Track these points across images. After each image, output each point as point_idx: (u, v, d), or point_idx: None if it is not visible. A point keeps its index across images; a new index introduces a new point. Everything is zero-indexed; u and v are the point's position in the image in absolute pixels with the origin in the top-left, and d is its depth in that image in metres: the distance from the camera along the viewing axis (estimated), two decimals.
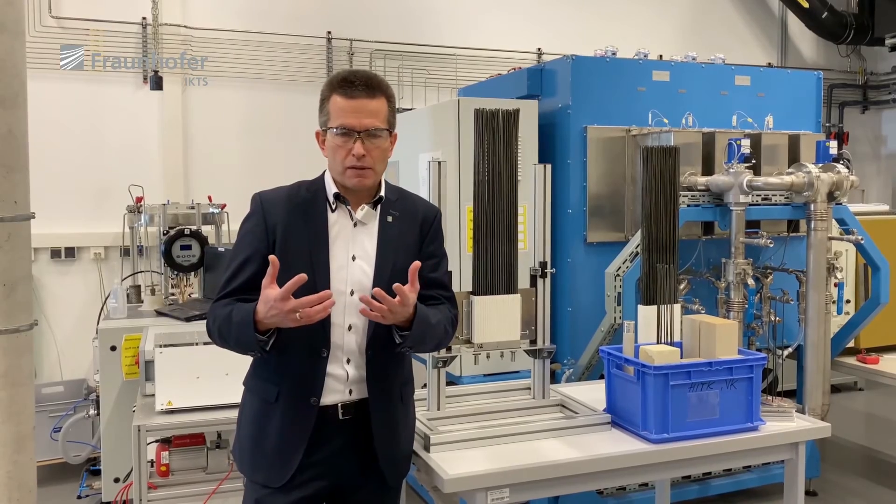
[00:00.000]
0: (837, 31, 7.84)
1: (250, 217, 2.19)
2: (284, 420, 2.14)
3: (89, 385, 4.95)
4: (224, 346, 2.15)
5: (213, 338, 2.17)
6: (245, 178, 5.71)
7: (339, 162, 2.12)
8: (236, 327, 2.03)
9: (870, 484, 4.86)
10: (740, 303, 3.97)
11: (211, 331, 2.16)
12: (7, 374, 2.42)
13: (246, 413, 2.25)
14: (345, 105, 2.09)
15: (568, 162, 4.16)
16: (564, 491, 2.71)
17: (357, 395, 2.17)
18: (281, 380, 2.15)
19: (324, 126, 2.16)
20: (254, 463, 2.19)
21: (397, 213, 2.23)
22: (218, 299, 2.15)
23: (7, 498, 2.43)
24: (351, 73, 2.14)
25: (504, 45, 6.74)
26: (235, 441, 2.29)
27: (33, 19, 5.39)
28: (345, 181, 2.14)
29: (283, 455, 2.13)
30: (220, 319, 2.09)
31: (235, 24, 5.98)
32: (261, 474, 2.16)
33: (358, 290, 2.13)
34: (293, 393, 2.13)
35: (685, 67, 4.49)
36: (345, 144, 2.10)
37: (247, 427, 2.22)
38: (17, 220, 2.42)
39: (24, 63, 2.47)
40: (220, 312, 2.10)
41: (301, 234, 2.13)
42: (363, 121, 2.09)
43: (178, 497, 3.16)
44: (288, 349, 2.09)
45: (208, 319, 2.16)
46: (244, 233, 2.19)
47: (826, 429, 2.82)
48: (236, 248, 2.19)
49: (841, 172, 4.02)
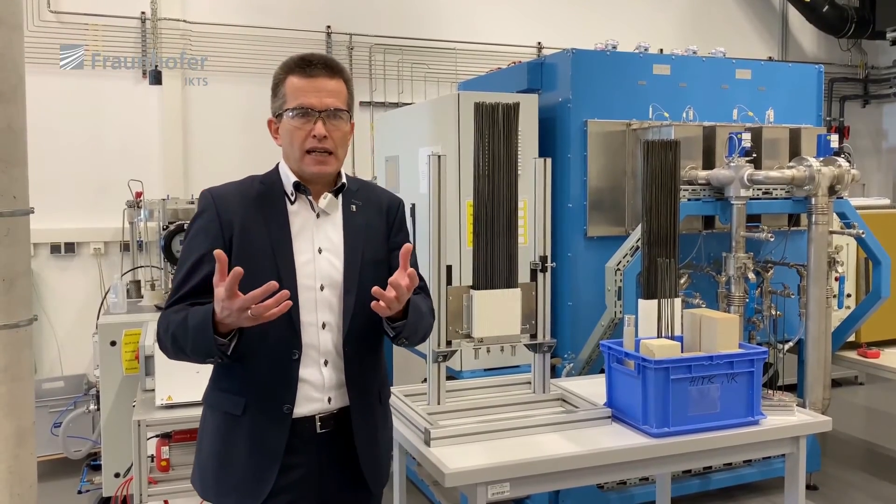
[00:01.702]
0: (838, 24, 7.82)
1: (201, 214, 2.01)
2: (255, 434, 1.95)
3: (89, 380, 4.95)
4: (178, 357, 1.95)
5: (165, 349, 1.96)
6: (244, 172, 5.57)
7: (298, 146, 1.97)
8: (193, 332, 1.84)
9: (870, 478, 4.86)
10: (741, 297, 3.97)
11: (163, 341, 1.95)
12: (7, 369, 2.42)
13: (207, 431, 2.04)
14: (303, 84, 1.97)
15: (568, 156, 4.15)
16: (565, 485, 2.72)
17: (336, 404, 2.02)
18: (247, 389, 1.96)
19: (278, 111, 2.01)
20: (219, 488, 2.00)
21: (360, 203, 2.10)
22: (168, 306, 1.95)
23: (8, 493, 2.43)
24: (308, 54, 2.03)
25: (504, 39, 6.73)
26: (195, 466, 2.08)
27: (32, 14, 5.38)
28: (304, 169, 2.00)
29: (256, 473, 1.94)
30: (173, 326, 1.89)
31: (234, 18, 5.97)
32: (231, 499, 1.97)
33: (328, 285, 2.01)
34: (262, 403, 1.95)
35: (686, 61, 4.47)
36: (304, 126, 1.96)
37: (209, 446, 2.02)
38: (17, 214, 2.42)
39: (22, 57, 2.46)
40: (172, 318, 1.90)
41: (261, 230, 1.98)
42: (324, 100, 1.96)
43: (179, 492, 3.16)
44: (254, 354, 1.93)
45: (159, 329, 1.95)
46: (195, 232, 2.00)
47: (827, 423, 2.82)
48: (187, 250, 2.00)
49: (842, 166, 4.01)
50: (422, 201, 2.64)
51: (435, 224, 2.70)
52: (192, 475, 2.11)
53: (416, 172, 4.31)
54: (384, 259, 2.10)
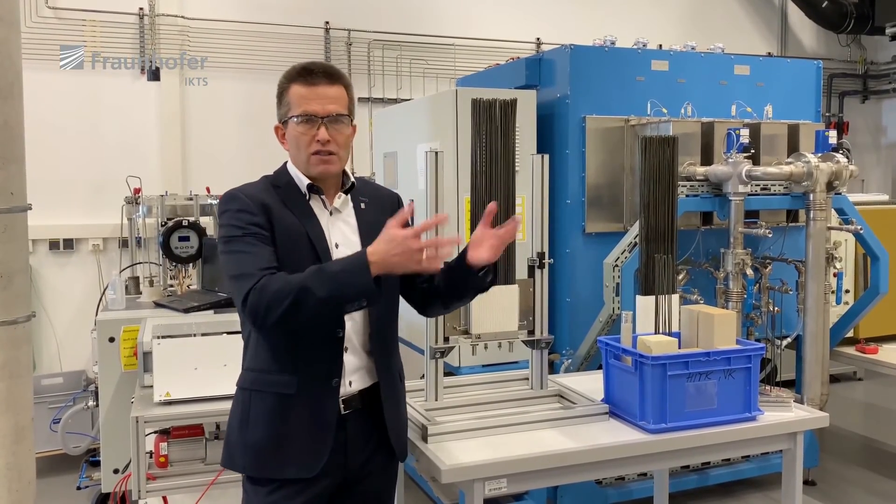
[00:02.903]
0: (837, 20, 7.81)
1: (243, 211, 2.07)
2: (311, 409, 2.08)
3: (88, 376, 4.95)
4: (291, 317, 1.92)
5: (273, 313, 1.91)
6: (243, 168, 5.65)
7: (304, 150, 2.10)
8: (342, 275, 1.90)
9: (868, 473, 4.87)
10: (739, 293, 3.97)
11: (271, 306, 1.91)
12: (5, 366, 2.42)
13: (258, 414, 2.11)
14: (306, 92, 2.10)
15: (566, 152, 4.16)
16: (561, 481, 2.72)
17: (357, 386, 2.16)
18: (300, 369, 2.08)
19: (284, 118, 2.15)
20: (277, 464, 2.10)
21: (367, 200, 2.25)
22: (256, 281, 1.93)
23: (7, 489, 2.44)
24: (309, 63, 2.17)
25: (503, 34, 6.72)
26: (241, 449, 2.13)
27: (29, 10, 5.37)
28: (310, 170, 2.13)
29: (313, 445, 2.08)
30: (295, 283, 1.90)
31: (233, 14, 5.96)
32: (291, 470, 2.09)
33: None
34: (315, 380, 2.08)
35: (684, 57, 4.47)
36: (308, 132, 2.09)
37: (263, 428, 2.09)
38: (14, 211, 2.41)
39: (19, 53, 2.46)
40: (288, 279, 1.92)
41: (292, 220, 2.11)
42: (326, 106, 2.10)
43: (177, 488, 3.15)
44: (305, 334, 2.05)
45: (260, 297, 1.92)
46: (239, 215, 2.05)
47: (824, 419, 2.82)
48: (239, 233, 2.03)
49: (840, 162, 4.01)
50: (420, 197, 2.64)
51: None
52: (231, 458, 2.17)
53: (414, 168, 4.31)
54: None
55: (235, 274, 2.00)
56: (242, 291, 1.96)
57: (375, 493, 2.27)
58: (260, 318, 1.95)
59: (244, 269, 1.99)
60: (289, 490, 2.09)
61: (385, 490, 2.31)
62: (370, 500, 2.25)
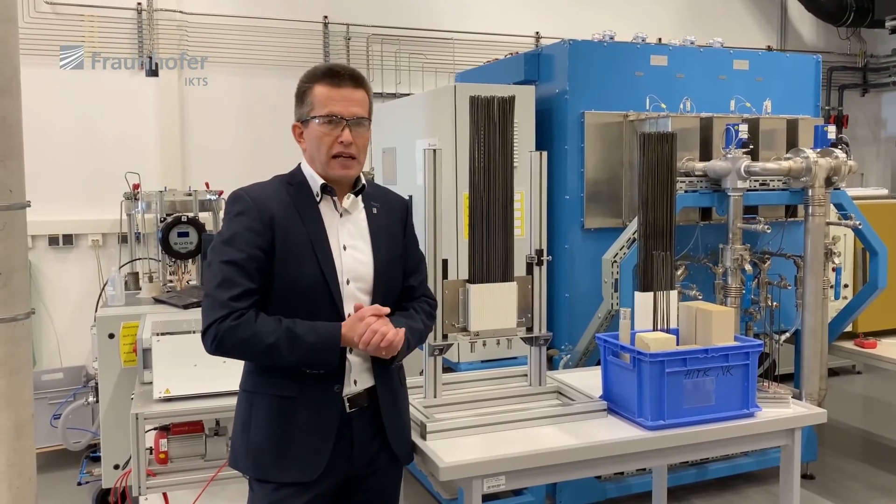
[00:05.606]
0: (837, 13, 7.79)
1: (241, 214, 2.09)
2: (312, 413, 2.11)
3: (88, 372, 4.95)
4: (249, 360, 2.14)
5: (230, 354, 2.05)
6: (242, 163, 5.71)
7: (325, 151, 2.12)
8: (311, 347, 2.03)
9: (867, 467, 4.89)
10: (738, 288, 3.98)
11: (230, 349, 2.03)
12: (5, 363, 2.43)
13: (259, 415, 2.14)
14: (333, 94, 2.11)
15: (565, 148, 4.15)
16: (560, 478, 2.73)
17: (362, 385, 2.19)
18: (301, 371, 2.10)
19: (305, 117, 2.15)
20: (279, 465, 2.12)
21: (378, 205, 2.27)
22: (225, 316, 2.00)
23: (7, 485, 2.45)
24: (334, 65, 2.20)
25: (502, 29, 6.70)
26: (242, 449, 2.17)
27: (27, 6, 5.36)
28: (329, 172, 2.15)
29: (313, 447, 2.11)
30: (264, 338, 2.00)
31: (231, 9, 5.95)
32: (291, 473, 2.11)
33: (353, 279, 2.17)
34: (317, 383, 2.11)
35: (683, 51, 4.46)
36: (331, 132, 2.11)
37: (264, 429, 2.13)
38: (13, 208, 2.42)
39: (16, 49, 2.46)
40: (257, 332, 1.99)
41: (298, 225, 2.12)
42: (350, 108, 2.12)
43: (177, 484, 3.17)
44: None
45: (223, 338, 2.00)
46: (240, 230, 2.07)
47: (822, 415, 2.83)
48: (231, 248, 2.06)
49: (839, 157, 4.01)
50: (419, 193, 2.65)
51: (431, 218, 2.69)
52: (235, 458, 2.22)
53: (413, 164, 4.30)
54: (401, 256, 2.30)
55: (208, 292, 2.07)
56: (207, 319, 2.03)
57: (380, 492, 2.29)
58: (214, 350, 2.05)
59: (217, 295, 2.03)
60: (294, 488, 2.12)
61: (390, 489, 2.34)
62: (375, 498, 2.28)
